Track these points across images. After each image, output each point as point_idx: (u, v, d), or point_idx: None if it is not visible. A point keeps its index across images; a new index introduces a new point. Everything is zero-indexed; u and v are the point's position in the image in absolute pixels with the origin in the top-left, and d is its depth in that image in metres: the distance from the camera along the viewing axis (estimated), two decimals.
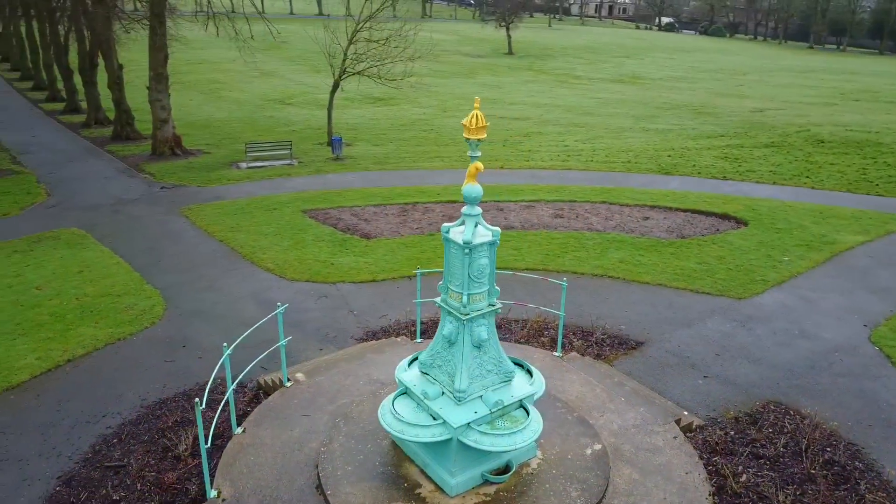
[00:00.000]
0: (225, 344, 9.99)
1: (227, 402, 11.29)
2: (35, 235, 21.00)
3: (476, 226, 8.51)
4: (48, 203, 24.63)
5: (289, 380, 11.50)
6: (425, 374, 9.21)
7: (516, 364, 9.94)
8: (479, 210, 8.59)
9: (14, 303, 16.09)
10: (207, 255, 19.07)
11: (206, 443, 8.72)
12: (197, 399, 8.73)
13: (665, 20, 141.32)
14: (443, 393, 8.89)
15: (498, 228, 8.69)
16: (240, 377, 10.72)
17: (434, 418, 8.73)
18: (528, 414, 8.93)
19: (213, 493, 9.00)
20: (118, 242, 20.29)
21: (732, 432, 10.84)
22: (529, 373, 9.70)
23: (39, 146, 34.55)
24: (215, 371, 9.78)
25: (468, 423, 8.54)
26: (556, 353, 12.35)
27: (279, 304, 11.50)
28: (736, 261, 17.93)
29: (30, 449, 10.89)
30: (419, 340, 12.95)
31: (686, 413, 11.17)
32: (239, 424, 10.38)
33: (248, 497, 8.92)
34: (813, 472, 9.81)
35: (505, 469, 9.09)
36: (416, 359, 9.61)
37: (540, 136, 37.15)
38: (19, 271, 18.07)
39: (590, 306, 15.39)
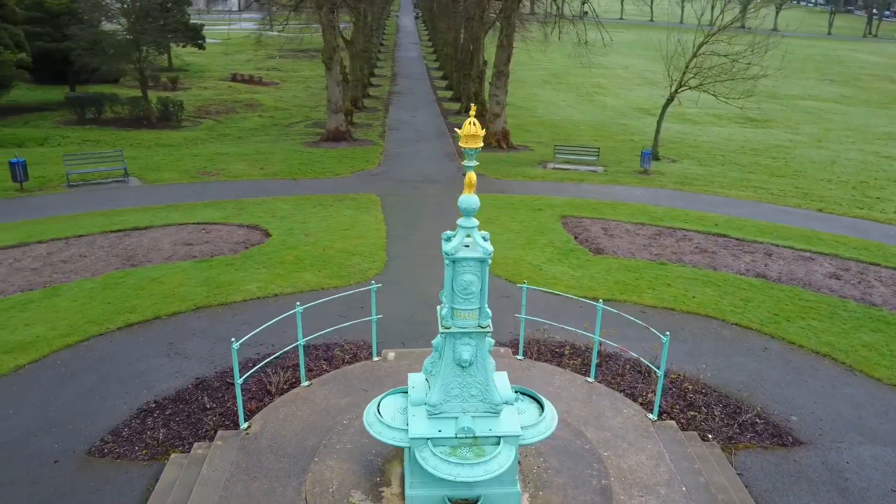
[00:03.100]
0: (298, 302, 11.13)
1: (331, 357, 12.58)
2: (342, 195, 25.06)
3: (469, 238, 8.05)
4: (373, 171, 28.96)
5: (378, 354, 12.20)
6: (427, 379, 9.05)
7: (533, 399, 9.11)
8: (474, 222, 8.11)
9: (283, 243, 19.69)
10: None
11: (239, 378, 10.01)
12: (233, 339, 10.06)
13: None
14: (425, 402, 8.67)
15: (490, 247, 8.06)
16: (308, 337, 11.85)
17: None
18: (500, 453, 8.18)
19: (244, 425, 10.29)
20: (394, 212, 23.05)
21: None
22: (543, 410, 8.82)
23: (409, 125, 40.36)
24: (258, 329, 11.01)
25: (427, 439, 8.23)
26: (650, 416, 10.66)
27: (373, 282, 12.20)
28: None
29: (199, 352, 13.60)
30: (520, 357, 12.38)
31: None
32: (309, 380, 11.48)
33: (263, 438, 10.00)
34: None
35: (472, 501, 8.49)
36: None
37: None
38: (307, 219, 21.91)
39: (773, 385, 12.67)
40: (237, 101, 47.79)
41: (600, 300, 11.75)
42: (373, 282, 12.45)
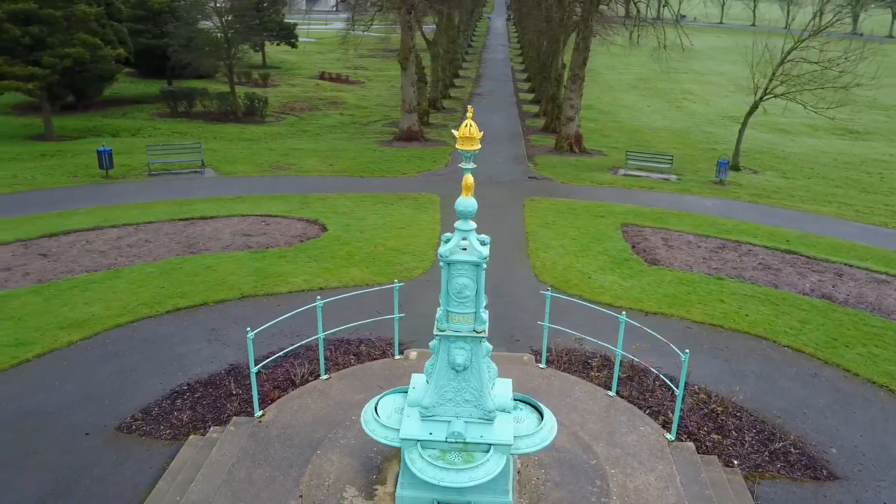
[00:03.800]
0: (319, 297, 11.30)
1: (359, 352, 12.71)
2: (404, 194, 25.30)
3: (465, 241, 7.94)
4: (439, 172, 29.10)
5: (401, 353, 12.24)
6: (427, 381, 9.00)
7: (533, 407, 8.90)
8: (472, 225, 8.00)
9: (337, 239, 20.07)
10: (503, 241, 20.21)
11: (253, 367, 10.29)
12: (249, 328, 10.33)
13: None
14: (419, 404, 8.63)
15: (485, 252, 7.91)
16: (329, 331, 11.95)
17: None
18: (488, 460, 8.04)
19: (258, 413, 10.57)
20: (452, 213, 22.84)
21: None
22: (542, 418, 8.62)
23: (483, 126, 39.71)
24: (270, 322, 11.20)
25: (417, 441, 8.19)
26: (668, 436, 10.20)
27: (395, 280, 12.22)
28: None
29: (237, 339, 14.02)
30: (543, 366, 12.11)
31: None
32: (329, 373, 11.64)
33: (274, 427, 10.22)
34: None
35: None
36: None
37: None
38: (366, 216, 22.25)
39: (817, 413, 11.88)
40: (322, 99, 49.12)
41: (623, 312, 11.34)
42: (395, 281, 12.51)
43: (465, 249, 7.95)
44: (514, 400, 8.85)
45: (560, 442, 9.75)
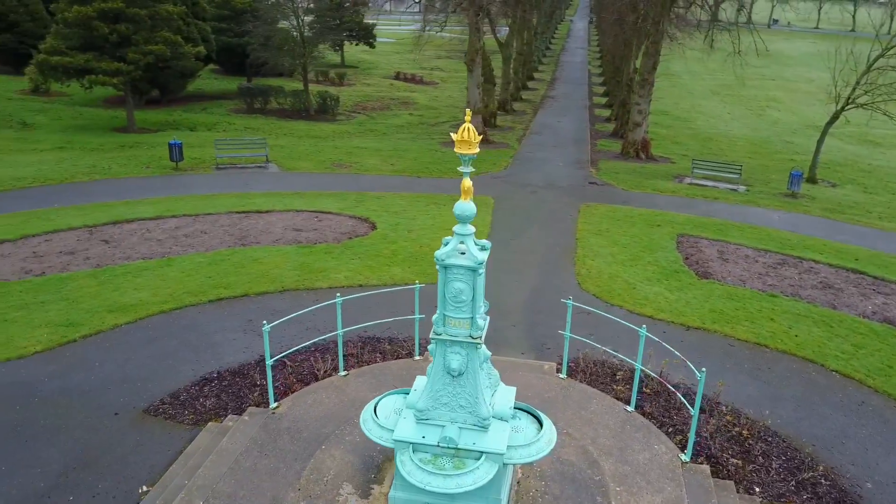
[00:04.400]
0: (338, 294, 11.40)
1: (385, 350, 12.81)
2: (458, 195, 25.22)
3: (462, 245, 7.84)
4: (497, 174, 28.94)
5: (421, 354, 12.22)
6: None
7: (535, 417, 8.69)
8: (470, 230, 7.88)
9: (384, 237, 20.27)
10: (551, 247, 20.02)
11: (269, 360, 10.50)
12: (265, 321, 10.53)
13: None
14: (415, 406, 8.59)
15: (482, 257, 7.77)
16: (346, 329, 12.03)
17: None
18: (478, 468, 7.92)
19: (273, 405, 10.78)
20: (504, 216, 22.92)
21: None
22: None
23: (551, 129, 39.86)
24: (286, 318, 11.30)
25: (409, 443, 8.16)
26: (682, 457, 9.77)
27: (416, 282, 12.19)
28: None
29: (272, 331, 14.34)
30: (563, 376, 11.83)
31: None
32: (348, 370, 11.76)
33: (286, 420, 10.41)
34: None
35: None
36: None
37: None
38: (416, 216, 22.38)
39: (857, 444, 11.14)
40: (394, 99, 49.75)
41: (643, 326, 10.93)
42: (416, 282, 12.50)
43: (464, 254, 7.85)
44: (516, 409, 8.68)
45: (566, 455, 9.54)
